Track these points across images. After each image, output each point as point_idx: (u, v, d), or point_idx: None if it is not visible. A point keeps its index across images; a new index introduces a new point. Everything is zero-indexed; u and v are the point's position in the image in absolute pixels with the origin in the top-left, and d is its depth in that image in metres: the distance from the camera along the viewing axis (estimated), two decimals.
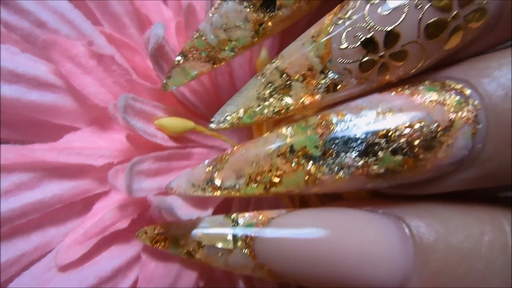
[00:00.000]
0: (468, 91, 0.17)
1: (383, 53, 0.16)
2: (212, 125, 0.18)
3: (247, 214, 0.18)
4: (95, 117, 0.20)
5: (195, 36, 0.18)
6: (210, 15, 0.18)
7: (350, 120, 0.17)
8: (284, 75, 0.18)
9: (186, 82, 0.19)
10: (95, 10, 0.21)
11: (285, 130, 0.18)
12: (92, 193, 0.20)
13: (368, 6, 0.16)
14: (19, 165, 0.18)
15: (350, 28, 0.16)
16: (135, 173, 0.18)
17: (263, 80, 0.18)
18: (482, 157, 0.17)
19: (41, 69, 0.19)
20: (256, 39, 0.18)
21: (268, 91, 0.18)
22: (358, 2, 0.17)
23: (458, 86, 0.17)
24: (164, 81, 0.19)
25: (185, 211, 0.18)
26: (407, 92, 0.17)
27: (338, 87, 0.17)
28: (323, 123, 0.17)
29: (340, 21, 0.17)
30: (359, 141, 0.16)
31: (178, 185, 0.18)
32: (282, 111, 0.18)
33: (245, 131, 0.25)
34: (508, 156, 0.16)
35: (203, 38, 0.18)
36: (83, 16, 0.20)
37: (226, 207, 0.22)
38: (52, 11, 0.19)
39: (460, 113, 0.16)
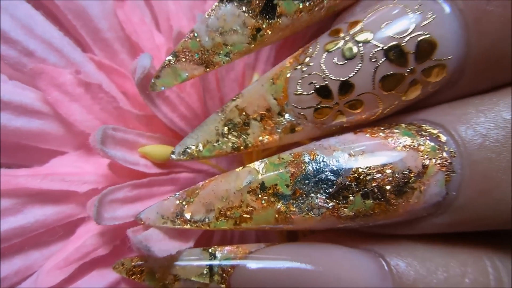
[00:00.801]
0: (444, 138, 0.16)
1: (337, 101, 0.16)
2: (173, 156, 0.19)
3: (225, 248, 0.18)
4: (82, 142, 0.21)
5: (188, 37, 0.18)
6: (206, 16, 0.18)
7: (322, 161, 0.17)
8: (243, 114, 0.18)
9: (176, 83, 0.18)
10: (86, 36, 0.21)
11: (258, 166, 0.18)
12: (75, 217, 0.20)
13: (325, 54, 0.16)
14: (3, 191, 0.18)
15: (306, 75, 0.16)
16: (107, 202, 0.18)
17: (223, 116, 0.18)
18: (456, 205, 0.17)
19: (28, 96, 0.19)
20: (253, 45, 0.18)
21: (227, 127, 0.18)
22: (317, 49, 0.17)
23: (434, 132, 0.17)
24: (152, 81, 0.18)
25: (165, 246, 0.18)
26: (381, 134, 0.17)
27: (296, 129, 0.17)
28: (295, 162, 0.17)
29: (298, 67, 0.17)
30: (330, 183, 0.16)
31: (147, 216, 0.18)
32: (241, 148, 0.18)
33: (235, 156, 0.25)
34: (484, 205, 0.16)
35: (197, 39, 0.18)
36: (72, 44, 0.20)
37: (207, 239, 0.22)
38: (41, 40, 0.19)
39: (434, 160, 0.16)
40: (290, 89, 0.17)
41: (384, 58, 0.16)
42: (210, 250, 0.18)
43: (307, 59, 0.17)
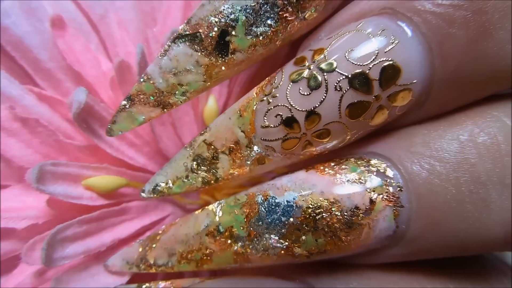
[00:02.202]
0: (391, 173, 0.16)
1: (304, 132, 0.16)
2: (143, 195, 0.19)
3: (160, 284, 0.18)
4: (23, 175, 0.20)
5: (142, 80, 0.18)
6: (160, 57, 0.17)
7: (274, 202, 0.17)
8: (212, 148, 0.18)
9: (133, 127, 0.18)
10: (27, 67, 0.21)
11: (215, 208, 0.18)
12: (16, 253, 0.20)
13: (290, 85, 0.16)
14: None
15: (272, 107, 0.16)
16: (56, 242, 0.18)
17: (191, 152, 0.18)
18: (408, 237, 0.16)
19: None
20: (209, 83, 0.17)
21: (196, 162, 0.18)
22: (282, 79, 0.16)
23: (382, 166, 0.16)
24: (109, 126, 0.18)
25: (99, 281, 0.17)
26: (331, 171, 0.17)
27: (265, 161, 0.17)
28: (249, 203, 0.17)
29: (264, 98, 0.16)
30: (281, 224, 0.16)
31: (114, 263, 0.19)
32: (212, 182, 0.18)
33: None
34: (434, 237, 0.16)
35: (151, 81, 0.17)
36: (9, 78, 0.20)
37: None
38: None
39: (381, 196, 0.16)
40: (257, 122, 0.17)
41: (349, 87, 0.15)
42: (144, 286, 0.18)
43: (273, 91, 0.16)
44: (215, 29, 0.17)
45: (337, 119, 0.16)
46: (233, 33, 0.17)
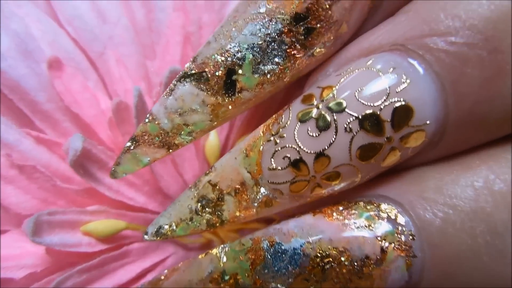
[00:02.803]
0: (402, 220, 0.16)
1: (313, 174, 0.15)
2: (146, 237, 0.18)
3: None
4: (22, 221, 0.20)
5: (147, 120, 0.17)
6: (165, 97, 0.17)
7: (280, 249, 0.16)
8: (217, 189, 0.17)
9: (138, 169, 0.17)
10: (24, 109, 0.20)
11: (219, 253, 0.17)
12: None
13: (298, 125, 0.15)
14: None
15: (280, 149, 0.16)
16: None
17: (196, 193, 0.17)
18: (421, 287, 0.16)
19: None
20: (215, 122, 0.17)
21: (200, 204, 0.17)
22: (290, 118, 0.16)
23: (393, 212, 0.16)
24: (113, 168, 0.17)
25: None
26: (339, 217, 0.16)
27: (272, 203, 0.17)
28: (254, 249, 0.16)
29: (272, 138, 0.16)
30: (288, 273, 0.16)
31: None
32: (217, 224, 0.17)
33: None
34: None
35: (156, 122, 0.17)
36: (6, 122, 0.19)
37: None
38: None
39: (392, 245, 0.15)
40: (264, 163, 0.16)
41: (360, 128, 0.15)
42: None
43: (281, 130, 0.16)
44: (222, 68, 0.16)
45: (348, 162, 0.15)
46: (240, 72, 0.16)
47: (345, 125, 0.15)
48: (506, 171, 0.15)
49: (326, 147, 0.15)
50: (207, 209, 0.17)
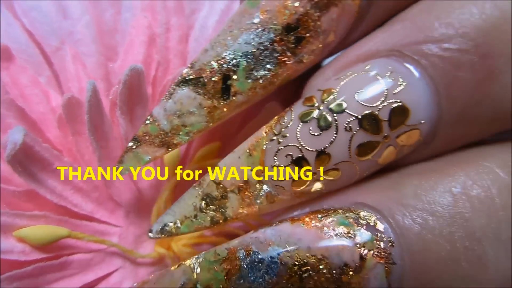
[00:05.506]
0: (381, 226, 0.16)
1: (315, 171, 0.16)
2: (150, 235, 0.18)
3: None
4: None
5: (148, 122, 0.18)
6: (165, 100, 0.18)
7: (257, 258, 0.16)
8: (221, 187, 0.18)
9: (140, 167, 0.19)
10: None
11: (193, 264, 0.17)
12: None
13: (300, 125, 0.16)
14: None
15: (282, 147, 0.16)
16: None
17: (200, 191, 0.18)
18: None
19: None
20: (211, 123, 0.18)
21: (205, 202, 0.18)
22: (292, 118, 0.17)
23: (372, 219, 0.16)
24: (116, 166, 0.18)
25: None
26: (318, 224, 0.16)
27: (274, 200, 0.17)
28: (230, 258, 0.16)
29: (274, 138, 0.17)
30: (265, 283, 0.16)
31: None
32: (221, 221, 0.18)
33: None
34: None
35: (156, 123, 0.18)
36: None
37: None
38: None
39: (372, 252, 0.15)
40: (267, 162, 0.17)
41: (359, 127, 0.16)
42: None
43: (283, 130, 0.17)
44: (218, 74, 0.17)
45: (347, 159, 0.16)
46: (235, 77, 0.17)
47: (345, 125, 0.16)
48: (484, 177, 0.16)
49: (327, 145, 0.16)
50: (211, 206, 0.18)
